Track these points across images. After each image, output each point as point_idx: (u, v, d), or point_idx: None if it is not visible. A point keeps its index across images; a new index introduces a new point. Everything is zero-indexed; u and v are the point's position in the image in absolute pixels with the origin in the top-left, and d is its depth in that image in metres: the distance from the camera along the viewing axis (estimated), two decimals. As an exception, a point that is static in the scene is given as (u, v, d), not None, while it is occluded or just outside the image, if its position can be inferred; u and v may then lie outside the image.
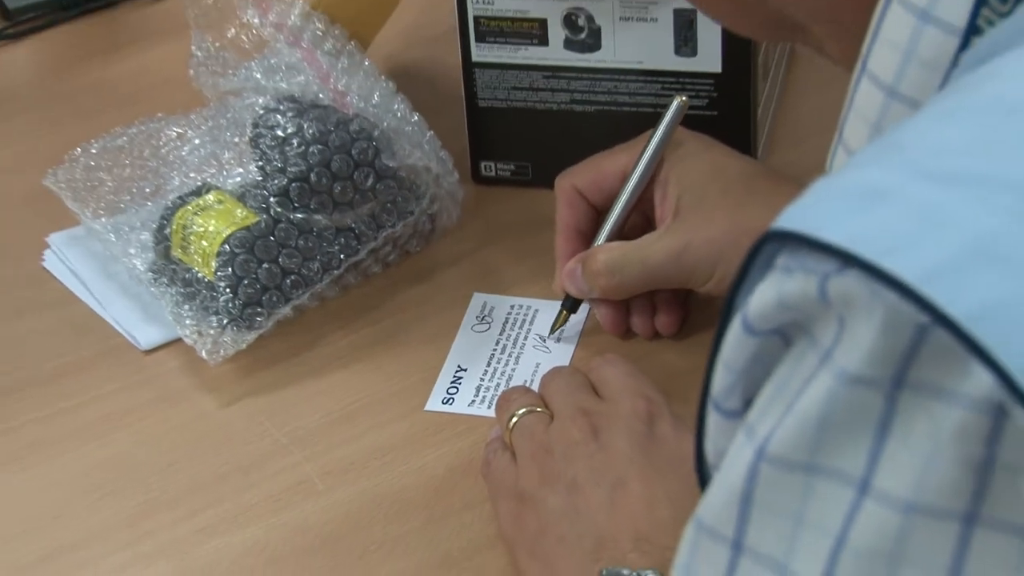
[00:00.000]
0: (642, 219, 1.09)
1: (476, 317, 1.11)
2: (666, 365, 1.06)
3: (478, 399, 1.06)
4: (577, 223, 1.09)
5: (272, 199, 1.10)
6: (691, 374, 0.92)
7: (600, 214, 1.09)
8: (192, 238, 1.10)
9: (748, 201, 1.05)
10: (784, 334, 0.57)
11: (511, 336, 1.10)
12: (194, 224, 1.10)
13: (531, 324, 1.11)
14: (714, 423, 0.61)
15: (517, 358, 1.08)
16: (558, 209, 1.10)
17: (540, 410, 0.97)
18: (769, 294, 0.56)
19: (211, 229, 1.09)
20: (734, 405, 0.59)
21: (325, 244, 1.10)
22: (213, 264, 1.08)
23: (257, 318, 1.08)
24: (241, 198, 1.11)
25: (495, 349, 1.09)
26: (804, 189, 0.56)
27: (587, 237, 1.09)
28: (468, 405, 1.05)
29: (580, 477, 0.91)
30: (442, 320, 1.11)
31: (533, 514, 0.92)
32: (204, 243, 1.09)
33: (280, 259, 1.09)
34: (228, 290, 1.07)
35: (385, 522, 0.97)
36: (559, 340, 1.09)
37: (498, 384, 1.06)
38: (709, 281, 1.05)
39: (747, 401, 0.59)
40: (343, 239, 1.11)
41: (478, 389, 1.06)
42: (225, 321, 1.07)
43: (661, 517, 0.88)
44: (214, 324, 1.07)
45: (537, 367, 1.07)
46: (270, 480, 1.01)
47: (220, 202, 1.11)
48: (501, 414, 0.99)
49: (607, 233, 1.08)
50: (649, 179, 1.07)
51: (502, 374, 1.07)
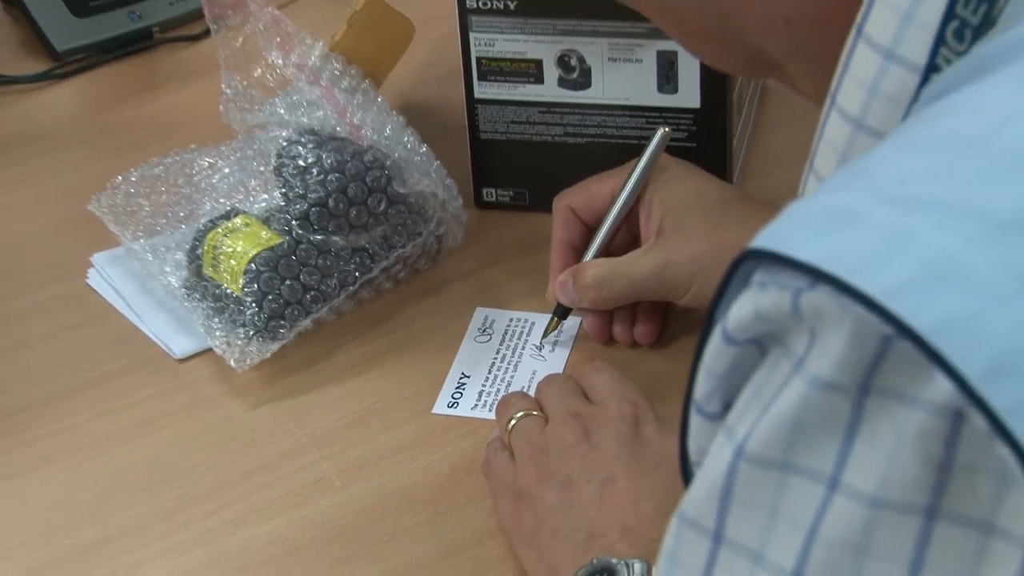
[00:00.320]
0: (629, 237, 1.09)
1: (478, 329, 1.11)
2: (650, 372, 1.05)
3: (480, 403, 1.05)
4: (570, 239, 1.09)
5: (294, 222, 1.10)
6: (673, 380, 0.92)
7: (591, 231, 1.09)
8: (222, 257, 1.09)
9: (725, 223, 1.04)
10: (760, 344, 0.56)
11: (510, 346, 1.09)
12: (223, 245, 1.10)
13: (528, 335, 1.10)
14: (696, 425, 0.60)
15: (515, 366, 1.08)
16: (554, 226, 1.10)
17: (536, 413, 0.97)
18: (747, 307, 0.55)
19: (239, 249, 1.09)
20: (715, 408, 0.59)
21: (342, 263, 1.10)
22: (240, 281, 1.08)
23: (280, 330, 1.08)
24: (266, 221, 1.11)
25: (495, 358, 1.09)
26: (777, 212, 0.56)
27: (579, 252, 1.09)
28: (471, 409, 1.05)
29: (573, 475, 0.91)
30: (448, 332, 1.11)
31: (530, 509, 0.91)
32: (232, 262, 1.09)
33: (301, 276, 1.09)
34: (254, 304, 1.07)
35: (396, 515, 0.97)
36: (553, 348, 1.09)
37: (498, 390, 1.06)
38: (687, 295, 1.05)
39: (726, 405, 0.58)
40: (358, 258, 1.11)
41: (480, 394, 1.06)
42: (251, 333, 1.07)
43: (646, 511, 0.88)
44: (241, 335, 1.07)
45: (534, 374, 1.07)
46: (292, 477, 1.00)
47: (247, 225, 1.11)
48: (501, 417, 0.98)
49: (596, 249, 1.08)
50: (635, 201, 1.07)
51: (502, 380, 1.07)
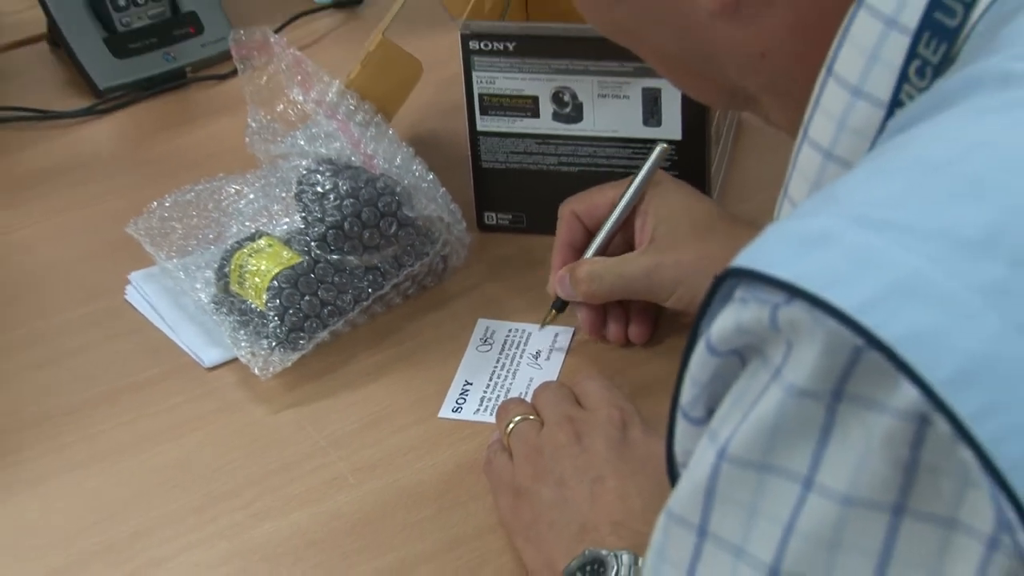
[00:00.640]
0: (625, 242, 1.09)
1: (480, 340, 1.10)
2: (640, 375, 1.05)
3: (482, 408, 1.04)
4: (572, 240, 1.09)
5: (313, 243, 1.09)
6: (661, 382, 0.92)
7: (591, 235, 1.09)
8: (247, 275, 1.09)
9: (709, 236, 1.05)
10: (741, 354, 0.56)
11: (509, 355, 1.09)
12: (249, 264, 1.09)
13: (525, 346, 1.09)
14: (682, 428, 0.60)
15: (514, 374, 1.07)
16: (558, 228, 1.10)
17: (533, 418, 0.96)
18: (729, 321, 0.55)
19: (262, 268, 1.09)
20: (699, 414, 0.59)
21: (356, 280, 1.10)
22: (264, 297, 1.07)
23: (300, 341, 1.07)
24: (287, 242, 1.11)
25: (496, 367, 1.08)
26: (756, 230, 0.56)
27: (579, 252, 1.09)
28: (474, 413, 1.04)
29: (566, 474, 0.90)
30: (452, 342, 1.10)
31: (527, 505, 0.91)
32: (257, 279, 1.08)
33: (319, 292, 1.08)
34: (276, 318, 1.07)
35: (405, 510, 0.96)
36: (550, 353, 1.08)
37: (498, 396, 1.05)
38: (671, 297, 1.04)
39: (710, 410, 0.58)
40: (371, 276, 1.10)
41: (482, 400, 1.05)
42: (274, 344, 1.07)
43: (633, 507, 0.87)
44: (265, 346, 1.07)
45: (530, 381, 1.06)
46: (311, 475, 1.00)
47: (270, 246, 1.11)
48: (501, 421, 0.98)
49: (594, 249, 1.08)
50: (632, 210, 1.07)
51: (501, 387, 1.06)
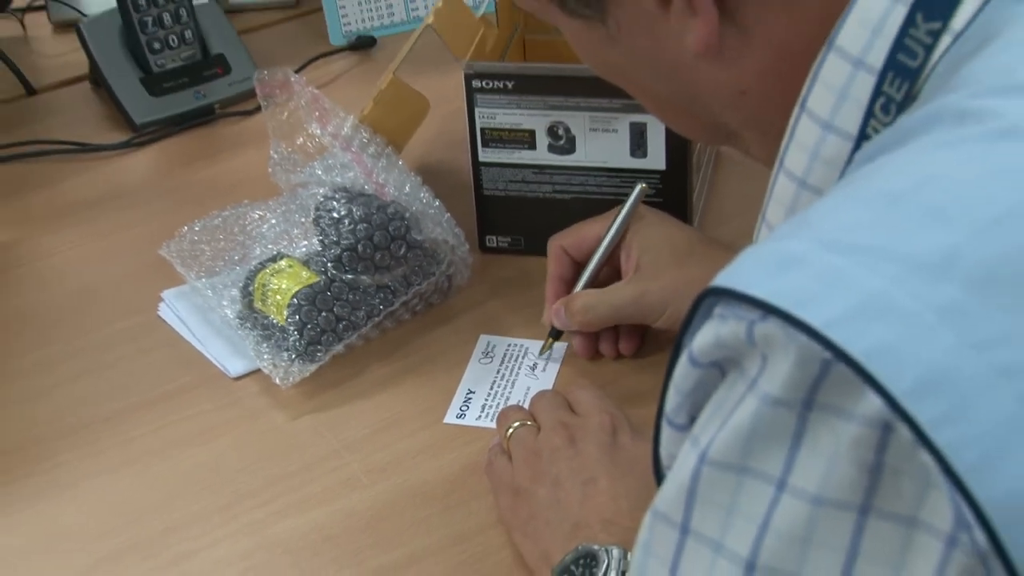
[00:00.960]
0: (612, 272, 1.08)
1: (482, 353, 1.10)
2: (626, 389, 1.04)
3: (484, 415, 1.04)
4: (562, 274, 1.09)
5: (329, 264, 1.09)
6: (649, 393, 0.91)
7: (580, 267, 1.08)
8: (269, 293, 1.09)
9: (690, 261, 1.04)
10: (720, 366, 0.55)
11: (509, 367, 1.08)
12: (271, 283, 1.09)
13: (524, 358, 1.09)
14: (667, 434, 0.60)
15: (513, 383, 1.07)
16: (548, 262, 1.09)
17: (530, 423, 0.95)
18: (709, 336, 0.55)
19: (283, 287, 1.08)
20: (682, 420, 0.58)
21: (368, 298, 1.09)
22: (285, 313, 1.07)
23: (318, 353, 1.07)
24: (306, 263, 1.11)
25: (496, 377, 1.07)
26: (734, 254, 0.55)
27: (569, 284, 1.08)
28: (476, 419, 1.03)
29: (561, 475, 0.90)
30: (456, 355, 1.09)
31: (526, 503, 0.90)
32: (278, 297, 1.08)
33: (335, 309, 1.08)
34: (296, 332, 1.06)
35: (413, 508, 0.96)
36: (545, 368, 1.07)
37: (499, 403, 1.05)
38: (661, 318, 1.04)
39: (692, 417, 0.57)
40: (382, 294, 1.10)
41: (483, 407, 1.04)
42: (294, 356, 1.06)
43: (623, 506, 0.86)
44: (285, 358, 1.06)
45: (528, 390, 1.06)
46: (327, 476, 0.99)
47: (290, 266, 1.10)
48: (501, 426, 0.97)
49: (584, 282, 1.07)
50: (617, 242, 1.07)
51: (501, 395, 1.05)
